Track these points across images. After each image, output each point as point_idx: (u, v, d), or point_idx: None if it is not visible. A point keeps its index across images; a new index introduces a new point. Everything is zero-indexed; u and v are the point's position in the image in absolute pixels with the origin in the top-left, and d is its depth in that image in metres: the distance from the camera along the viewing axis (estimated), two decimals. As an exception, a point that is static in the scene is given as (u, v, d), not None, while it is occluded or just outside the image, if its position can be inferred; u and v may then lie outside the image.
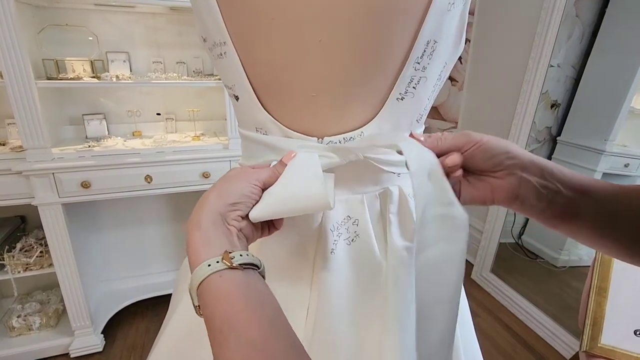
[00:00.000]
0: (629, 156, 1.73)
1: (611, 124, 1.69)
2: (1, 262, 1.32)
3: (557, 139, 1.92)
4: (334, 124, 0.40)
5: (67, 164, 1.24)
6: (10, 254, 1.34)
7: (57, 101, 1.45)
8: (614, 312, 0.93)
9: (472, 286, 2.03)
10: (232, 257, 0.29)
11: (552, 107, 1.85)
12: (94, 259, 1.64)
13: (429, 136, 0.36)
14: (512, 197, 0.34)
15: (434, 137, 0.36)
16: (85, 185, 1.28)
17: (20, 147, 1.27)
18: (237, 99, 0.44)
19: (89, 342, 1.46)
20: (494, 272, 1.98)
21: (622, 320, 0.92)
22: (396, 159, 0.42)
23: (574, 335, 1.52)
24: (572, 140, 1.87)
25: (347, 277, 0.42)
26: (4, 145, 1.35)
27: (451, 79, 2.35)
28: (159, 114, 1.64)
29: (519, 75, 1.76)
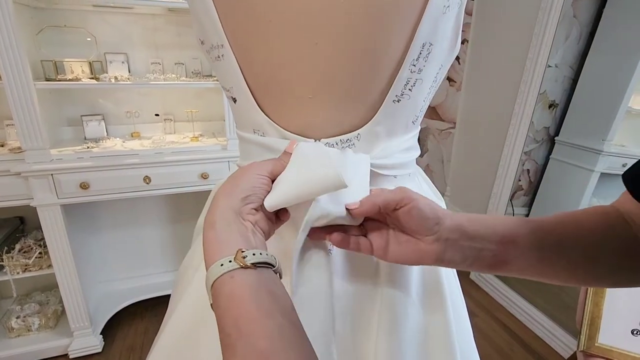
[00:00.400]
0: (627, 156, 1.73)
1: (609, 124, 1.70)
2: (0, 263, 1.32)
3: (555, 139, 1.92)
4: (331, 125, 0.40)
5: (65, 165, 1.24)
6: (9, 255, 1.34)
7: (56, 102, 1.45)
8: (611, 312, 0.93)
9: (471, 286, 2.03)
10: (245, 257, 0.28)
11: (550, 107, 1.86)
12: (93, 260, 1.64)
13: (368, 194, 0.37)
14: (437, 262, 0.35)
15: (372, 193, 0.37)
16: (84, 186, 1.28)
17: (18, 148, 1.27)
18: (234, 101, 0.44)
19: (88, 343, 1.46)
20: (492, 271, 1.99)
21: (619, 319, 0.93)
22: (392, 163, 0.43)
23: (571, 334, 1.53)
24: (570, 140, 1.87)
25: (344, 278, 0.42)
26: (2, 146, 1.35)
27: (449, 79, 2.36)
28: (157, 114, 1.64)
29: (517, 75, 1.76)
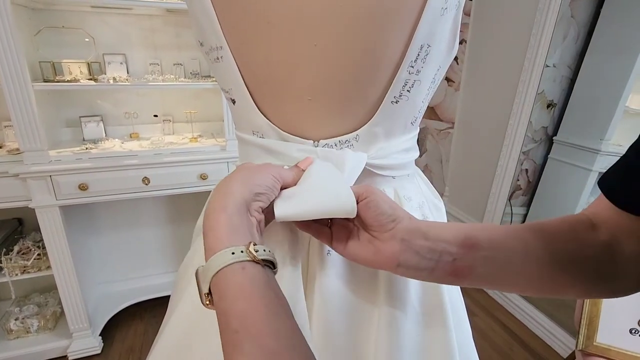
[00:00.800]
0: (625, 155, 1.74)
1: (607, 123, 1.70)
2: (-2, 264, 1.32)
3: (553, 138, 1.93)
4: (329, 127, 0.41)
5: (64, 167, 1.24)
6: (7, 256, 1.34)
7: (54, 103, 1.44)
8: (609, 311, 0.94)
9: (470, 285, 2.04)
10: (257, 250, 0.27)
11: (548, 107, 1.86)
12: (91, 261, 1.64)
13: None
14: (394, 264, 0.34)
15: None
16: (82, 187, 1.27)
17: (17, 149, 1.27)
18: (233, 102, 0.44)
19: (87, 344, 1.46)
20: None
21: (618, 319, 0.93)
22: (390, 163, 0.43)
23: (570, 333, 1.53)
24: (568, 139, 1.88)
25: (343, 279, 0.42)
26: (0, 147, 1.35)
27: (448, 79, 2.36)
28: (156, 115, 1.64)
29: (515, 75, 1.76)
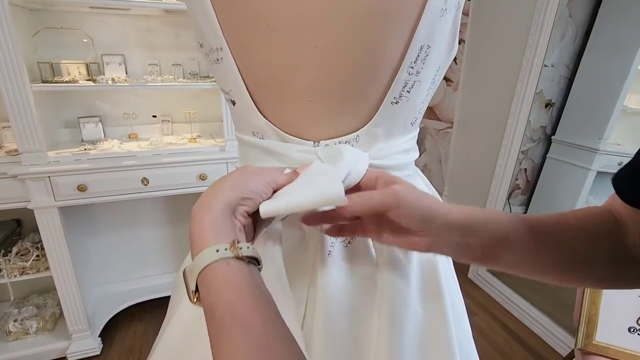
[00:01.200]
0: (623, 155, 1.75)
1: (605, 122, 1.71)
2: (-3, 266, 1.32)
3: (552, 138, 1.93)
4: (330, 128, 0.41)
5: (63, 167, 1.23)
6: (6, 258, 1.33)
7: (53, 104, 1.44)
8: (608, 310, 0.94)
9: (469, 285, 2.04)
10: (240, 247, 0.28)
11: (547, 106, 1.87)
12: (90, 262, 1.63)
13: (357, 195, 0.35)
14: (427, 251, 0.36)
15: (362, 196, 0.35)
16: (81, 188, 1.27)
17: (15, 150, 1.27)
18: (233, 103, 0.44)
19: (86, 345, 1.45)
20: (490, 270, 1.99)
21: (616, 317, 0.93)
22: (390, 164, 0.43)
23: (569, 332, 1.54)
24: (566, 139, 1.89)
25: (344, 279, 0.42)
26: (-1, 148, 1.35)
27: (446, 79, 2.37)
28: (155, 116, 1.63)
29: (514, 75, 1.77)
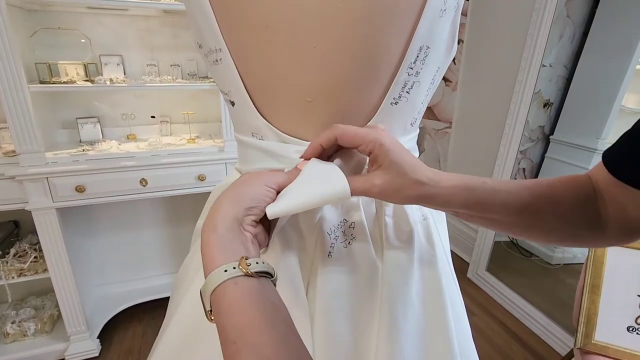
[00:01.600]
0: (621, 154, 1.75)
1: (603, 122, 1.72)
2: (-5, 268, 1.31)
3: (550, 137, 1.94)
4: (329, 128, 0.40)
5: (61, 168, 1.23)
6: (4, 259, 1.33)
7: (50, 105, 1.43)
8: (607, 309, 0.94)
9: (469, 285, 2.04)
10: (249, 264, 0.28)
11: (545, 106, 1.87)
12: (89, 263, 1.63)
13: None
14: (376, 195, 0.36)
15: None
16: (79, 189, 1.27)
17: (13, 151, 1.26)
18: (232, 104, 0.44)
19: (85, 347, 1.45)
20: (489, 270, 2.00)
21: (615, 317, 0.94)
22: None
23: (568, 332, 1.54)
24: (564, 138, 1.89)
25: (344, 280, 0.42)
26: (-4, 149, 1.34)
27: (445, 79, 2.37)
28: (153, 117, 1.63)
29: (512, 75, 1.77)
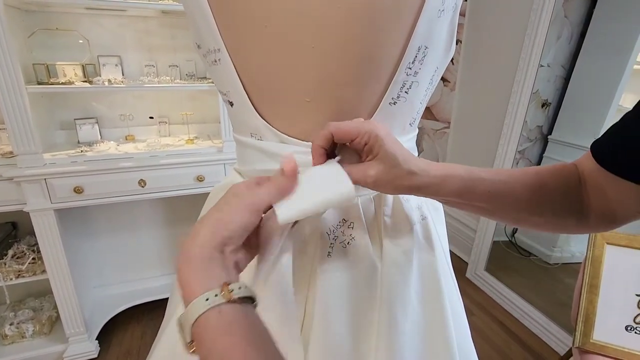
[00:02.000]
0: (619, 153, 1.76)
1: (601, 122, 1.72)
2: (-7, 269, 1.31)
3: (548, 137, 1.94)
4: (328, 129, 0.40)
5: (59, 170, 1.23)
6: (2, 261, 1.32)
7: (48, 106, 1.43)
8: (605, 309, 0.94)
9: (467, 284, 2.04)
10: (231, 290, 0.27)
11: (543, 106, 1.88)
12: (87, 265, 1.62)
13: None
14: (371, 185, 0.36)
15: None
16: (78, 190, 1.26)
17: (10, 152, 1.26)
18: (231, 104, 0.44)
19: (83, 348, 1.44)
20: (488, 270, 2.00)
21: (614, 316, 0.94)
22: None
23: (567, 331, 1.54)
24: (563, 138, 1.89)
25: (343, 280, 0.42)
26: (-6, 151, 1.33)
27: (443, 79, 2.37)
28: (151, 117, 1.63)
29: (510, 75, 1.78)
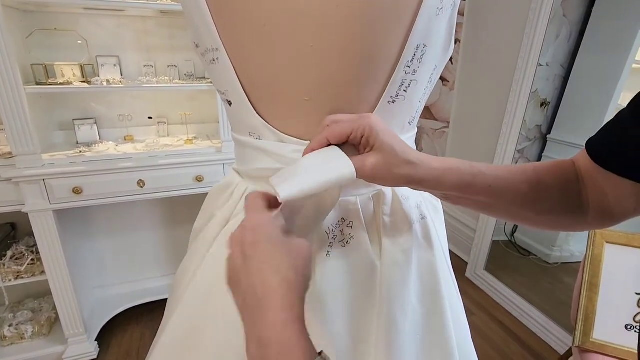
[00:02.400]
0: (618, 153, 1.76)
1: (600, 121, 1.72)
2: (-9, 270, 1.30)
3: (547, 136, 1.94)
4: (327, 128, 0.40)
5: (57, 170, 1.22)
6: (0, 262, 1.32)
7: (47, 106, 1.43)
8: (605, 308, 0.95)
9: (467, 284, 2.04)
10: None
11: (542, 105, 1.88)
12: (86, 265, 1.62)
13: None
14: (369, 175, 0.35)
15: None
16: (76, 191, 1.26)
17: (9, 153, 1.26)
18: (230, 104, 0.44)
19: (83, 349, 1.44)
20: (487, 269, 2.00)
21: (613, 315, 0.94)
22: None
23: (567, 330, 1.54)
24: (562, 137, 1.90)
25: (342, 280, 0.42)
26: (-7, 151, 1.33)
27: (442, 79, 2.37)
28: (150, 117, 1.62)
29: (509, 74, 1.78)
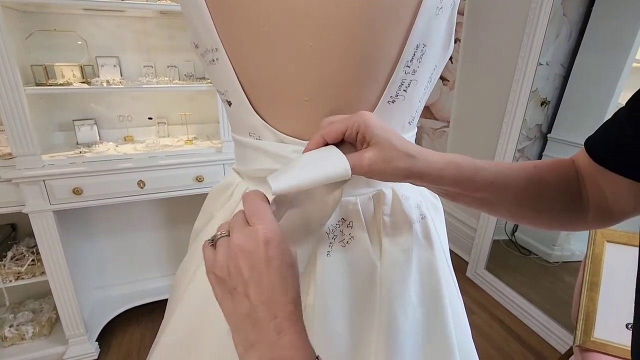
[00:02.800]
0: (618, 152, 1.76)
1: (600, 120, 1.71)
2: (-8, 271, 1.30)
3: (548, 136, 1.94)
4: (327, 127, 0.40)
5: (57, 171, 1.22)
6: (1, 262, 1.32)
7: (47, 107, 1.43)
8: (605, 307, 0.95)
9: (467, 283, 2.04)
10: None
11: (542, 104, 1.88)
12: (87, 266, 1.62)
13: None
14: (366, 170, 0.35)
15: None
16: (77, 191, 1.26)
17: (9, 154, 1.26)
18: (229, 104, 0.44)
19: (83, 350, 1.44)
20: (488, 269, 2.00)
21: (614, 314, 0.94)
22: None
23: (567, 329, 1.54)
24: (562, 137, 1.90)
25: (343, 279, 0.42)
26: (-8, 152, 1.33)
27: (442, 78, 2.37)
28: (150, 118, 1.62)
29: (509, 74, 1.78)
